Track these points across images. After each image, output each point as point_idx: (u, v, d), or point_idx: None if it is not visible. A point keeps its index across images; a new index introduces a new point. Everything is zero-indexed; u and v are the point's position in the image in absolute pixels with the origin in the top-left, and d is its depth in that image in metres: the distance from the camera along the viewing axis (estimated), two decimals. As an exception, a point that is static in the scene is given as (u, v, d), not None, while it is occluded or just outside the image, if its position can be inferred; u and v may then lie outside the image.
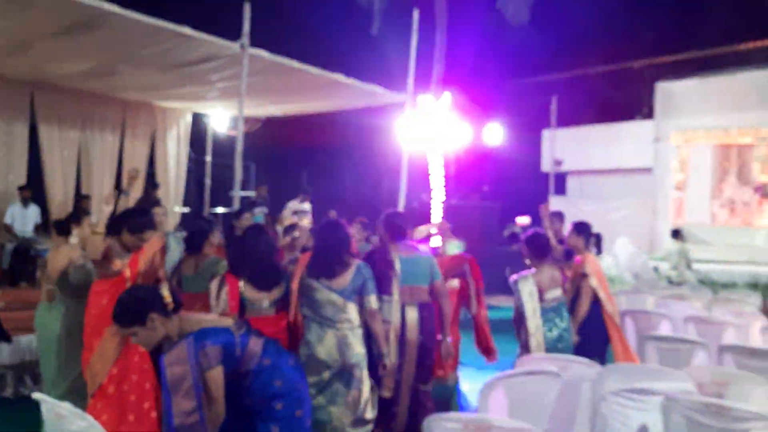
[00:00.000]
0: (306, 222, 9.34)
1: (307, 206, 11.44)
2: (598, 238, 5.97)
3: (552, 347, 4.68)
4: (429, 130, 10.43)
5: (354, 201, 14.79)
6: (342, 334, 3.80)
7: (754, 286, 10.02)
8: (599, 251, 5.73)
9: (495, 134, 12.87)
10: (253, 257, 3.82)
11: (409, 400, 4.47)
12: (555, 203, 15.37)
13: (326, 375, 3.77)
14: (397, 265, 4.39)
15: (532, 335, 4.69)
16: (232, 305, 3.68)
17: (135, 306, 2.74)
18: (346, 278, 3.86)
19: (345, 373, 3.79)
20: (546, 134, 16.12)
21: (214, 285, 3.81)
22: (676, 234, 10.89)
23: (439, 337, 4.63)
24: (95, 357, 3.71)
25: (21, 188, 9.42)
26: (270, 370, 2.86)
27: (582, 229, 5.45)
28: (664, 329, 5.70)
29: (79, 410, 2.41)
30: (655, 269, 11.07)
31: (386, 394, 4.21)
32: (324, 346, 3.77)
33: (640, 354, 5.00)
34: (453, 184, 12.98)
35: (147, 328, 2.72)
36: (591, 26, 15.95)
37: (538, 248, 4.90)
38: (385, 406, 4.27)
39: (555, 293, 4.81)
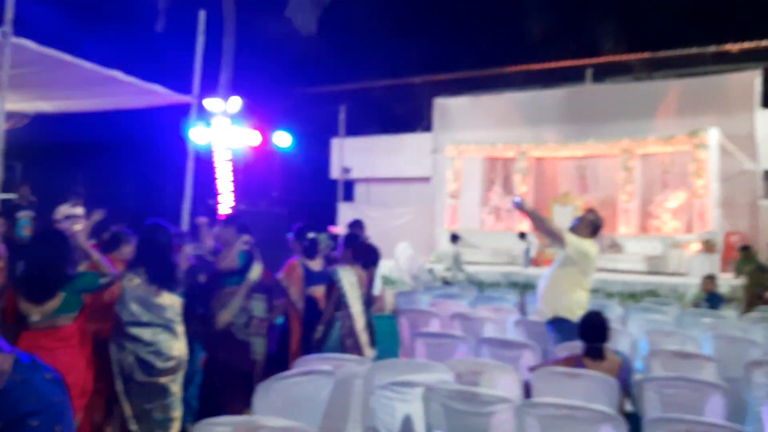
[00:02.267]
0: (78, 227, 8.71)
1: (79, 210, 10.67)
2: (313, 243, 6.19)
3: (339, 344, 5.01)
4: (216, 133, 10.28)
5: (136, 204, 14.02)
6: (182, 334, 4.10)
7: (513, 284, 11.18)
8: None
9: (284, 140, 12.96)
10: (27, 267, 3.55)
11: None
12: (343, 209, 15.93)
13: (183, 371, 4.08)
14: None
15: (356, 319, 4.99)
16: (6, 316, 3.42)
17: None
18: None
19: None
20: (335, 142, 16.60)
21: None
22: (455, 238, 11.83)
23: None
24: None
25: None
26: (22, 387, 2.65)
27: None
28: (434, 326, 6.17)
29: None
30: (431, 271, 11.91)
31: None
32: (178, 345, 4.03)
33: (411, 349, 5.38)
34: (241, 189, 12.86)
35: None
36: (377, 41, 16.76)
37: (358, 251, 5.37)
38: None
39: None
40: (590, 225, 5.51)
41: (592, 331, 4.14)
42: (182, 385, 4.10)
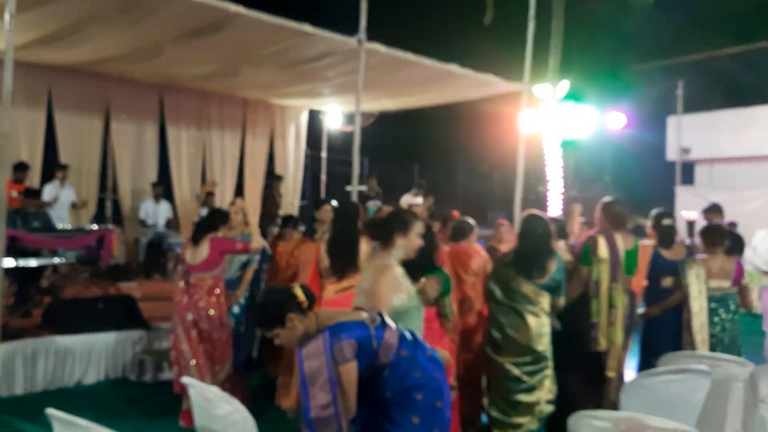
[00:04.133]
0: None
1: (420, 200, 11.44)
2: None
3: (710, 336, 4.66)
4: (546, 119, 10.13)
5: (466, 194, 14.63)
6: (537, 321, 4.04)
7: None
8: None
9: (616, 122, 12.30)
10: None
11: None
12: (681, 194, 14.56)
13: (529, 358, 4.00)
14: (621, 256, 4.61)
15: (695, 315, 4.66)
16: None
17: (273, 309, 2.78)
18: (546, 276, 4.10)
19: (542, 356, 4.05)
20: (671, 121, 15.21)
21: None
22: (827, 225, 9.97)
23: None
24: None
25: (153, 185, 9.99)
26: (408, 362, 2.82)
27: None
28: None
29: (225, 394, 2.47)
30: (801, 263, 10.18)
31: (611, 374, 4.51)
32: (527, 333, 4.01)
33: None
34: (571, 174, 12.54)
35: (287, 328, 2.75)
36: (720, 3, 14.89)
37: (710, 237, 4.97)
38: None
39: (721, 283, 4.78)
40: None
41: None
42: (539, 372, 4.04)
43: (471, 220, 5.86)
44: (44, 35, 6.97)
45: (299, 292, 2.77)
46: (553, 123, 10.38)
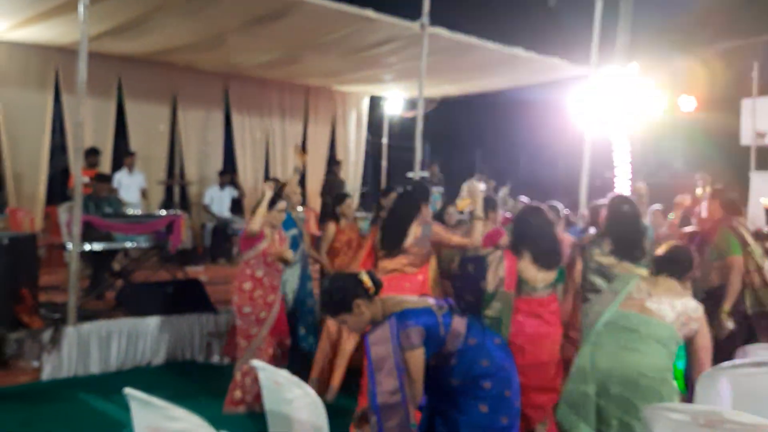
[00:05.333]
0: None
1: (482, 186, 11.30)
2: None
3: None
4: (614, 103, 9.83)
5: (529, 180, 14.39)
6: None
7: None
8: None
9: (687, 105, 11.85)
10: (535, 235, 3.82)
11: None
12: (756, 179, 13.93)
13: None
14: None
15: None
16: (508, 282, 3.70)
17: (340, 295, 2.79)
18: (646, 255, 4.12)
19: None
20: (746, 104, 14.55)
21: (493, 259, 3.85)
22: None
23: None
24: None
25: (220, 174, 10.21)
26: (476, 350, 2.79)
27: None
28: None
29: (295, 378, 2.49)
30: None
31: None
32: None
33: None
34: (639, 160, 12.16)
35: (354, 314, 2.75)
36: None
37: None
38: None
39: None
40: None
41: None
42: None
43: (559, 205, 5.68)
44: (115, 26, 7.17)
45: (366, 278, 2.77)
46: (620, 107, 10.07)
